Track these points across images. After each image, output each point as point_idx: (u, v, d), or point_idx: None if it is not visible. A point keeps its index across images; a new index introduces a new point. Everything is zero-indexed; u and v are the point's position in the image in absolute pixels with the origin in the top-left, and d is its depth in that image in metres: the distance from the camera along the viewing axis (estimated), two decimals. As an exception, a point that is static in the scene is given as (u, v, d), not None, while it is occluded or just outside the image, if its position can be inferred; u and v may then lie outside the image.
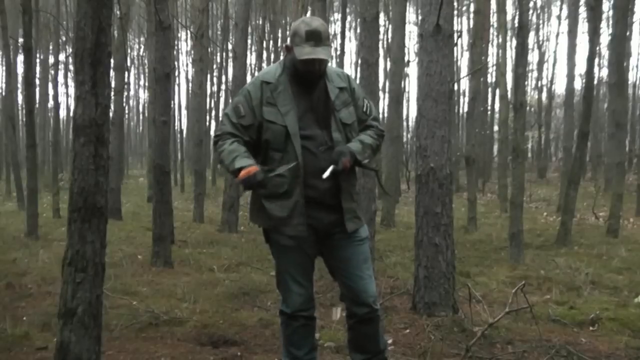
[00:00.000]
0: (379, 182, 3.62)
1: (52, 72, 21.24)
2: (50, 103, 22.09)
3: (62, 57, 25.49)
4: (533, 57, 28.67)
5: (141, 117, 43.30)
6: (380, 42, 22.87)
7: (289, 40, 2.57)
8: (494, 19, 19.24)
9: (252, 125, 2.55)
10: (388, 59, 21.93)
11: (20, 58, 21.04)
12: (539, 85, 30.27)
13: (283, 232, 2.56)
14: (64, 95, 31.04)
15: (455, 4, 20.19)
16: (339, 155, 2.47)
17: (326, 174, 2.44)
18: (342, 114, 2.59)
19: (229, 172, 2.53)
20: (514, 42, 19.09)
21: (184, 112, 32.40)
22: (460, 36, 23.14)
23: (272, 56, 23.67)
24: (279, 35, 22.72)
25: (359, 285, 2.61)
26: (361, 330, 2.67)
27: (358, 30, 25.67)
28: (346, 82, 2.65)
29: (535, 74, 30.11)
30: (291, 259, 2.62)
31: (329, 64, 2.63)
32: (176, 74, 24.85)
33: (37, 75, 19.53)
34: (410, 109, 33.16)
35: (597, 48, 16.20)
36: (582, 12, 18.36)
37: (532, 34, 26.25)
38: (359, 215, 2.65)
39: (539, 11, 28.76)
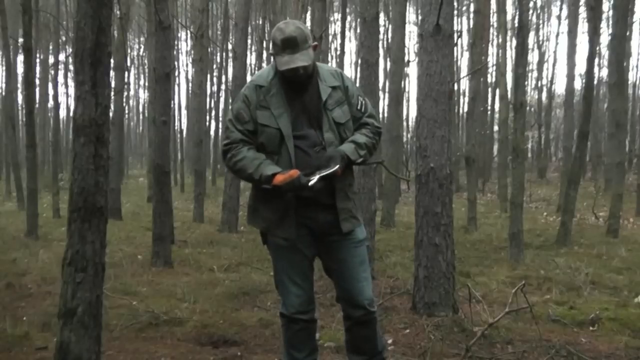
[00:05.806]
0: (387, 170, 3.60)
1: (52, 72, 21.26)
2: (50, 103, 22.11)
3: (62, 57, 25.50)
4: (533, 57, 28.71)
5: (141, 117, 43.33)
6: (380, 42, 22.86)
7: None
8: (494, 19, 19.27)
9: (255, 130, 2.53)
10: (388, 59, 21.93)
11: (20, 58, 21.07)
12: (539, 85, 30.29)
13: (277, 234, 2.57)
14: (64, 95, 31.06)
15: (455, 4, 20.16)
16: (329, 161, 2.43)
17: (312, 182, 2.38)
18: (335, 113, 2.56)
19: (253, 179, 2.47)
20: (514, 42, 19.02)
21: (184, 112, 32.50)
22: (460, 36, 23.17)
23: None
24: (279, 35, 22.66)
25: (355, 287, 2.60)
26: (358, 332, 2.67)
27: (358, 30, 25.63)
28: (339, 80, 2.61)
29: (535, 74, 30.11)
30: (288, 259, 2.61)
31: (325, 64, 2.61)
32: (176, 74, 24.87)
33: (37, 75, 19.55)
34: (410, 109, 33.12)
35: (597, 48, 16.25)
36: (582, 12, 18.36)
37: (532, 34, 26.24)
38: (356, 215, 2.62)
39: (539, 11, 28.75)
